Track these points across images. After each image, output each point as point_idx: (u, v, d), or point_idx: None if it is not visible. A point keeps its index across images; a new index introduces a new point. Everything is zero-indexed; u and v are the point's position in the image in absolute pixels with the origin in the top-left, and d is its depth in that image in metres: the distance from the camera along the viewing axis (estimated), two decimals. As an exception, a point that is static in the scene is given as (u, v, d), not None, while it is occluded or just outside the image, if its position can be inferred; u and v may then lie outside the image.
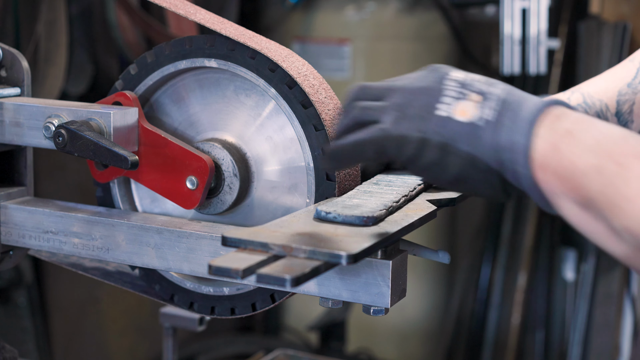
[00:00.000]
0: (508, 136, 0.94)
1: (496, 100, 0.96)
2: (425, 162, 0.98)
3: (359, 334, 3.34)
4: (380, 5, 3.27)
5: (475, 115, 0.96)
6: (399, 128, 0.98)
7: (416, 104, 0.98)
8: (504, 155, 0.94)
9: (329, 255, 0.95)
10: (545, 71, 3.13)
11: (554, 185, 0.92)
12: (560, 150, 0.91)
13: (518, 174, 0.94)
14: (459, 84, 0.98)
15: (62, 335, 3.00)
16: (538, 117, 0.94)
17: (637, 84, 1.31)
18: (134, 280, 1.32)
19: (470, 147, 0.95)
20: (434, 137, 0.96)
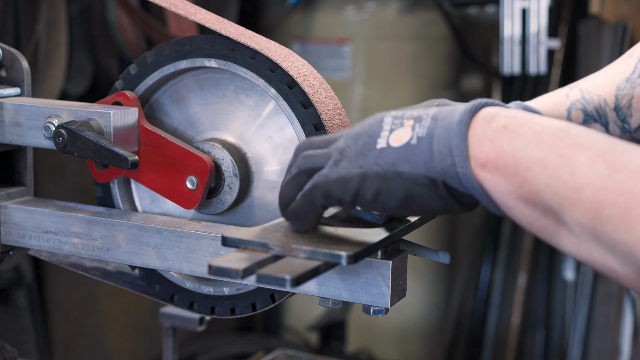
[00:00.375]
0: (443, 142, 0.94)
1: (429, 118, 0.96)
2: (370, 194, 0.98)
3: (359, 334, 3.34)
4: (380, 5, 3.27)
5: (408, 137, 0.96)
6: (338, 170, 0.99)
7: (357, 145, 0.99)
8: (443, 162, 0.94)
9: (329, 255, 0.95)
10: (545, 71, 3.13)
11: (498, 182, 0.91)
12: (499, 145, 0.90)
13: (460, 177, 0.93)
14: (395, 117, 0.99)
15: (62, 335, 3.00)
16: (471, 118, 0.93)
17: (635, 78, 1.31)
18: (134, 280, 1.32)
19: (409, 166, 0.95)
20: (373, 169, 0.97)
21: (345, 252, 0.95)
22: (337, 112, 1.19)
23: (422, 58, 3.33)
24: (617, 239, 0.83)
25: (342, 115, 1.19)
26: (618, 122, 1.31)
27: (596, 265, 0.87)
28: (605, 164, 0.85)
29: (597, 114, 1.31)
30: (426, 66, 3.34)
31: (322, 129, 1.16)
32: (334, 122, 1.17)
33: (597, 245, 0.85)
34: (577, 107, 1.32)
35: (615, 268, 0.85)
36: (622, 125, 1.31)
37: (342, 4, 3.27)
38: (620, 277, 0.86)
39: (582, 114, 1.31)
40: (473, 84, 3.69)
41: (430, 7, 3.31)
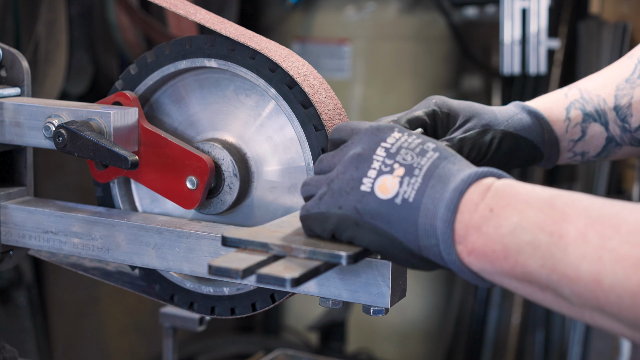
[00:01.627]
0: (429, 221, 0.92)
1: (420, 175, 0.94)
2: (345, 237, 0.98)
3: (359, 334, 3.34)
4: (380, 5, 3.27)
5: (394, 192, 0.94)
6: (320, 206, 0.99)
7: (344, 177, 0.98)
8: (427, 240, 0.93)
9: (329, 255, 0.95)
10: (545, 71, 3.13)
11: (486, 266, 0.90)
12: (486, 234, 0.89)
13: (443, 259, 0.93)
14: (388, 153, 0.96)
15: (62, 335, 3.00)
16: (459, 200, 0.91)
17: (635, 78, 1.31)
18: (134, 280, 1.32)
19: (388, 227, 0.94)
20: (351, 214, 0.96)
21: (345, 252, 0.95)
22: (337, 112, 1.19)
23: (422, 58, 3.33)
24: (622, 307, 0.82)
25: (342, 115, 1.19)
26: (618, 121, 1.31)
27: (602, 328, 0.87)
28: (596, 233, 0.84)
29: (596, 113, 1.31)
30: (426, 66, 3.34)
31: (322, 129, 1.16)
32: (334, 122, 1.17)
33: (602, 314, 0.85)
34: (576, 106, 1.32)
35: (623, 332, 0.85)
36: (622, 124, 1.31)
37: (342, 4, 3.27)
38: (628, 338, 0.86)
39: (581, 113, 1.31)
40: (473, 84, 3.69)
41: (430, 7, 3.31)
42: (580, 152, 1.33)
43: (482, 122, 1.25)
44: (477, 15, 3.58)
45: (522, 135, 1.26)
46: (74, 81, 2.75)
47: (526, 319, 3.35)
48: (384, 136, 0.98)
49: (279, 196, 1.22)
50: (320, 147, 1.16)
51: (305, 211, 1.01)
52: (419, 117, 1.24)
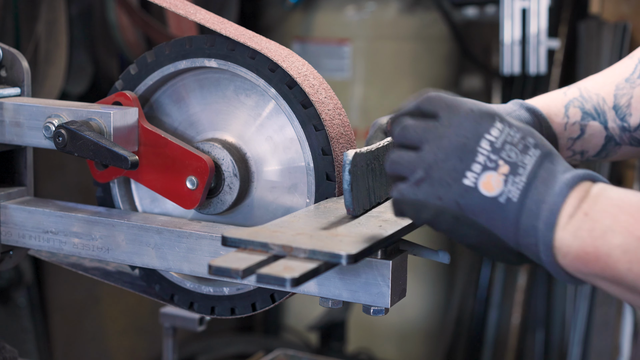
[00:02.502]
0: (531, 222, 0.94)
1: (525, 174, 0.95)
2: (442, 228, 0.98)
3: (359, 334, 3.34)
4: (380, 5, 3.27)
5: (499, 191, 0.94)
6: (417, 193, 0.96)
7: (445, 166, 0.95)
8: (527, 239, 0.95)
9: (329, 255, 0.95)
10: (545, 71, 3.13)
11: (579, 268, 0.93)
12: (581, 237, 0.92)
13: (540, 259, 0.95)
14: (493, 148, 0.95)
15: (62, 335, 3.00)
16: (561, 205, 0.93)
17: (635, 78, 1.31)
18: (134, 280, 1.32)
19: (489, 223, 0.95)
20: (451, 207, 0.95)
21: (345, 252, 0.95)
22: (337, 112, 1.19)
23: (422, 58, 3.32)
24: None
25: (342, 115, 1.19)
26: (617, 120, 1.31)
27: None
28: None
29: (595, 112, 1.31)
30: (426, 66, 3.34)
31: (322, 129, 1.16)
32: (334, 122, 1.17)
33: None
34: (575, 104, 1.32)
35: None
36: (622, 124, 1.31)
37: (342, 4, 3.27)
38: None
39: (580, 111, 1.32)
40: (473, 84, 3.69)
41: (430, 7, 3.31)
42: (580, 150, 1.33)
43: None
44: (477, 15, 3.58)
45: None
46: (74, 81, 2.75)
47: (526, 319, 3.35)
48: (487, 127, 0.96)
49: (279, 196, 1.22)
50: (320, 147, 1.16)
51: (399, 195, 0.97)
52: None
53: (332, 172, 1.16)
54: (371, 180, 1.13)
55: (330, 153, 1.16)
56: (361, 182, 1.10)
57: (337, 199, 1.16)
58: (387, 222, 1.08)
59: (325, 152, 1.16)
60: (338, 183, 1.16)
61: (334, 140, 1.16)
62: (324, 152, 1.16)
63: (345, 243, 0.99)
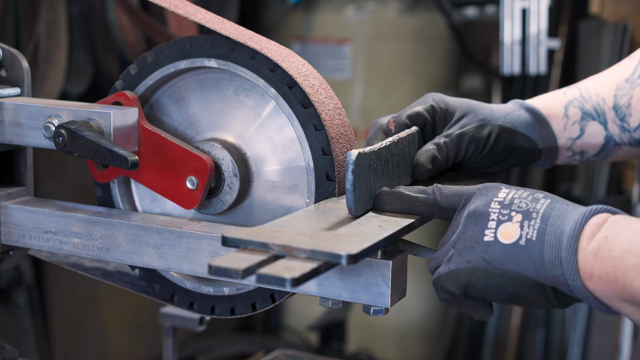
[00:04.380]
0: (554, 252, 0.98)
1: (538, 217, 1.00)
2: (478, 288, 1.03)
3: (359, 334, 3.34)
4: (380, 5, 3.27)
5: (517, 236, 1.00)
6: (450, 266, 1.05)
7: (465, 236, 1.04)
8: (553, 271, 0.99)
9: (329, 255, 0.95)
10: (545, 71, 3.13)
11: (604, 290, 0.96)
12: (601, 257, 0.96)
13: (571, 287, 0.98)
14: (502, 205, 1.03)
15: (62, 335, 3.00)
16: (581, 231, 0.98)
17: (635, 78, 1.31)
18: (134, 280, 1.32)
19: (517, 267, 1.00)
20: (480, 264, 1.02)
21: (345, 252, 0.95)
22: (337, 112, 1.19)
23: (422, 58, 3.32)
24: None
25: (342, 115, 1.19)
26: (617, 121, 1.31)
27: None
28: None
29: (595, 112, 1.31)
30: (426, 66, 3.34)
31: (322, 129, 1.16)
32: (334, 122, 1.17)
33: None
34: (575, 104, 1.32)
35: None
36: (622, 124, 1.31)
37: (342, 4, 3.27)
38: None
39: (580, 111, 1.31)
40: (473, 84, 3.69)
41: (430, 7, 3.31)
42: (579, 151, 1.33)
43: (479, 117, 1.25)
44: (477, 15, 3.58)
45: (520, 131, 1.27)
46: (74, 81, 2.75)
47: (526, 319, 3.35)
48: (494, 193, 1.05)
49: (279, 196, 1.22)
50: (320, 147, 1.16)
51: (437, 275, 1.07)
52: (419, 112, 1.25)
53: (332, 172, 1.16)
54: (373, 180, 1.13)
55: (330, 153, 1.16)
56: (363, 182, 1.10)
57: (337, 199, 1.16)
58: (387, 222, 1.08)
59: (325, 152, 1.16)
60: (338, 183, 1.16)
61: (334, 140, 1.16)
62: (324, 152, 1.16)
63: (345, 243, 0.99)
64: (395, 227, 1.06)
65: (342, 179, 1.17)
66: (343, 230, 1.04)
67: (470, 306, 1.07)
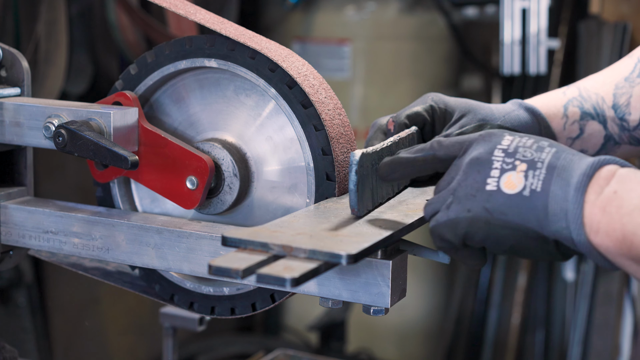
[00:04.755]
0: (559, 205, 0.95)
1: (544, 167, 0.97)
2: (478, 238, 1.00)
3: (359, 334, 3.34)
4: (380, 5, 3.27)
5: (521, 186, 0.97)
6: (449, 214, 1.01)
7: (466, 183, 1.00)
8: (557, 224, 0.95)
9: (329, 255, 0.95)
10: (545, 71, 3.13)
11: (609, 247, 0.93)
12: (609, 213, 0.93)
13: (575, 241, 0.95)
14: (506, 153, 0.99)
15: (62, 335, 3.00)
16: (588, 183, 0.95)
17: (634, 77, 1.31)
18: (134, 280, 1.32)
19: (520, 218, 0.97)
20: (481, 214, 0.98)
21: (345, 252, 0.95)
22: (337, 112, 1.19)
23: (422, 58, 3.32)
24: None
25: (342, 115, 1.19)
26: (617, 120, 1.31)
27: None
28: None
29: (594, 111, 1.31)
30: (426, 66, 3.34)
31: (322, 129, 1.16)
32: (334, 122, 1.17)
33: None
34: (574, 104, 1.32)
35: None
36: (621, 123, 1.31)
37: (342, 4, 3.27)
38: None
39: (579, 111, 1.32)
40: (473, 84, 3.69)
41: (430, 7, 3.31)
42: (579, 150, 1.33)
43: (479, 117, 1.25)
44: (477, 15, 3.58)
45: (519, 130, 1.26)
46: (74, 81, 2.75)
47: (526, 319, 3.35)
48: (498, 140, 1.01)
49: (279, 196, 1.22)
50: (320, 147, 1.16)
51: (434, 222, 1.03)
52: (418, 112, 1.25)
53: (332, 172, 1.16)
54: (374, 181, 1.13)
55: (330, 153, 1.16)
56: (366, 183, 1.11)
57: (337, 199, 1.16)
58: (387, 222, 1.08)
59: (325, 152, 1.16)
60: (338, 183, 1.16)
61: (334, 140, 1.16)
62: (324, 152, 1.16)
63: (345, 243, 0.99)
64: (395, 227, 1.06)
65: (342, 179, 1.17)
66: (343, 230, 1.04)
67: (467, 255, 1.04)
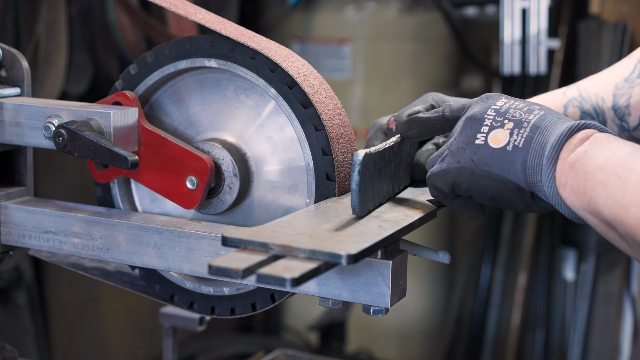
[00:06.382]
0: (536, 160, 1.04)
1: (529, 126, 1.06)
2: (464, 187, 1.09)
3: (359, 334, 3.34)
4: (380, 5, 3.27)
5: (506, 142, 1.06)
6: (442, 165, 1.11)
7: (460, 138, 1.10)
8: (533, 177, 1.04)
9: (329, 255, 0.95)
10: (545, 71, 3.13)
11: (574, 200, 1.02)
12: (576, 169, 1.01)
13: (546, 193, 1.04)
14: (498, 112, 1.09)
15: (62, 335, 3.00)
16: (564, 143, 1.03)
17: (634, 78, 1.31)
18: (134, 280, 1.32)
19: (501, 170, 1.06)
20: (468, 165, 1.08)
21: (345, 252, 0.95)
22: (337, 112, 1.19)
23: (422, 58, 3.32)
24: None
25: (342, 115, 1.20)
26: (616, 120, 1.31)
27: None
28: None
29: (594, 111, 1.32)
30: (426, 66, 3.34)
31: (322, 129, 1.16)
32: (334, 122, 1.17)
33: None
34: (574, 104, 1.32)
35: None
36: (621, 123, 1.31)
37: (342, 4, 3.27)
38: None
39: (579, 111, 1.32)
40: (473, 84, 3.69)
41: (430, 7, 3.31)
42: None
43: None
44: (477, 15, 3.58)
45: None
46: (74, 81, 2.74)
47: (526, 319, 3.35)
48: (494, 100, 1.10)
49: (279, 196, 1.22)
50: (321, 147, 1.16)
51: (430, 173, 1.13)
52: (419, 112, 1.25)
53: (332, 172, 1.16)
54: (376, 181, 1.13)
55: (330, 153, 1.16)
56: (368, 183, 1.11)
57: (337, 199, 1.16)
58: (387, 222, 1.08)
59: (325, 152, 1.16)
60: (338, 183, 1.16)
61: (334, 140, 1.16)
62: (324, 152, 1.16)
63: (345, 243, 0.99)
64: (395, 227, 1.06)
65: (342, 179, 1.17)
66: (343, 230, 1.04)
67: (461, 205, 1.13)
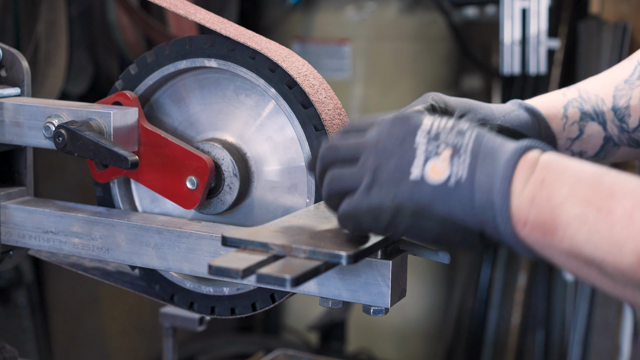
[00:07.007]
0: (485, 195, 0.92)
1: (467, 153, 0.94)
2: (403, 228, 0.96)
3: (359, 334, 3.34)
4: (380, 5, 3.27)
5: (447, 175, 0.93)
6: (371, 199, 0.96)
7: (389, 167, 0.95)
8: (484, 214, 0.92)
9: (329, 255, 0.95)
10: (545, 71, 3.13)
11: (537, 238, 0.91)
12: (538, 205, 0.90)
13: (501, 233, 0.92)
14: (429, 138, 0.95)
15: (62, 335, 3.00)
16: (513, 172, 0.92)
17: (634, 80, 1.31)
18: (134, 280, 1.32)
19: (446, 208, 0.93)
20: (408, 204, 0.94)
21: (345, 252, 0.95)
22: (337, 112, 1.19)
23: (422, 58, 3.33)
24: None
25: (342, 115, 1.20)
26: (616, 121, 1.31)
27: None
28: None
29: (594, 112, 1.32)
30: (426, 66, 3.34)
31: (322, 129, 1.16)
32: (334, 122, 1.17)
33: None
34: (574, 105, 1.32)
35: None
36: (620, 125, 1.31)
37: (342, 4, 3.27)
38: None
39: (579, 112, 1.32)
40: (473, 84, 3.69)
41: (430, 7, 3.31)
42: (578, 151, 1.33)
43: (478, 117, 1.26)
44: (477, 15, 3.58)
45: (519, 130, 1.27)
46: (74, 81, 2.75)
47: (526, 319, 3.35)
48: (418, 120, 0.97)
49: (279, 196, 1.22)
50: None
51: (351, 206, 0.97)
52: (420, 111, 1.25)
53: (332, 172, 1.16)
54: None
55: (330, 153, 1.16)
56: None
57: (337, 199, 1.16)
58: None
59: (325, 152, 1.16)
60: (338, 183, 1.16)
61: (334, 140, 1.16)
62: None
63: (346, 243, 0.99)
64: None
65: (342, 179, 1.17)
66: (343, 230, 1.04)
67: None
